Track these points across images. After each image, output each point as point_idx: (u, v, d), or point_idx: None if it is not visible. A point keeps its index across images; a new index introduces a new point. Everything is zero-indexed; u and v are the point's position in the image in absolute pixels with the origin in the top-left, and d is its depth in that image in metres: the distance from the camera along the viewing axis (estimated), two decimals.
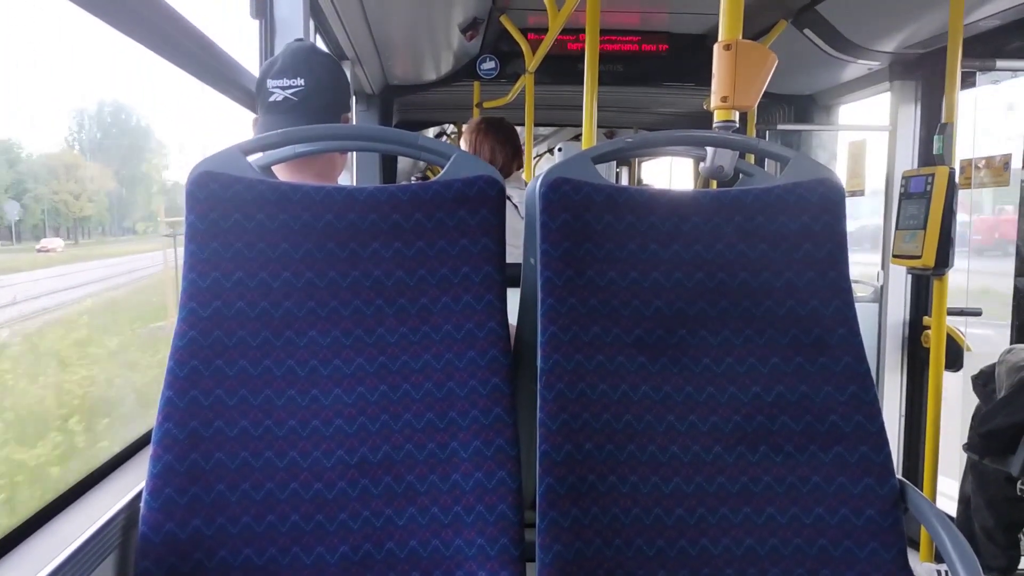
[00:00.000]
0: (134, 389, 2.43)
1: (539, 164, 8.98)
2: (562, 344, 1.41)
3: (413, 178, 7.46)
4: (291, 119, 1.77)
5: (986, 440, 2.79)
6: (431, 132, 8.06)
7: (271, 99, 1.81)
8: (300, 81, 1.81)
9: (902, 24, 3.50)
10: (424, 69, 4.87)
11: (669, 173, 8.98)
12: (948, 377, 3.18)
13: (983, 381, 3.05)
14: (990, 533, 2.88)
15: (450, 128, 8.01)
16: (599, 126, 3.08)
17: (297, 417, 1.37)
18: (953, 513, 3.07)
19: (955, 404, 3.40)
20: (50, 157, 2.42)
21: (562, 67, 4.42)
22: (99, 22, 1.40)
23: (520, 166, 3.50)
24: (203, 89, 1.97)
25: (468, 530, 1.34)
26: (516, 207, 3.06)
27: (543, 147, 9.25)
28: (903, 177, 3.27)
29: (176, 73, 1.78)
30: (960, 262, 3.13)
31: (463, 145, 3.50)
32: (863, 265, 4.18)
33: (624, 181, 8.79)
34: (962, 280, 3.61)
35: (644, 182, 8.88)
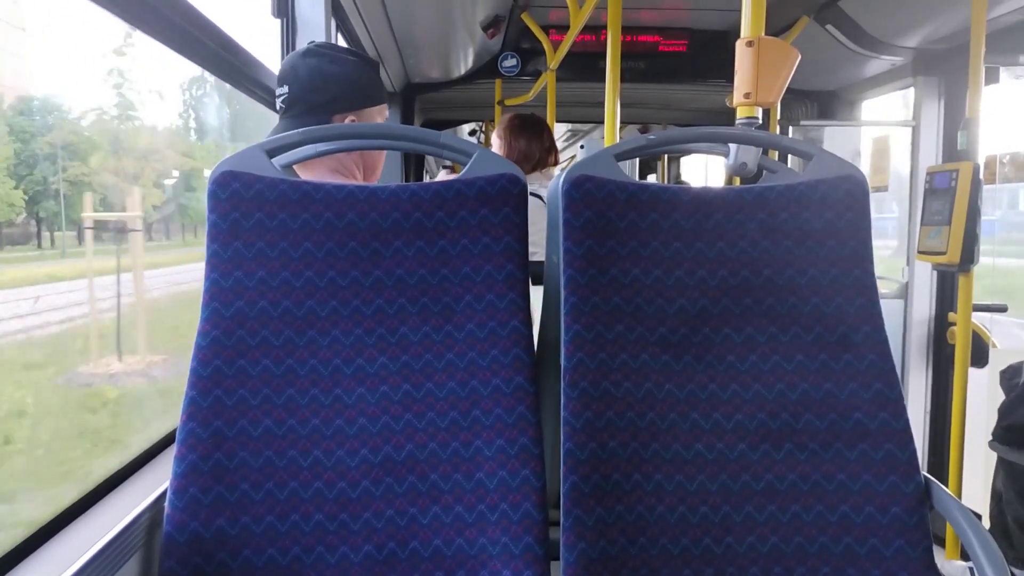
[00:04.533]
0: None
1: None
2: (586, 342, 1.40)
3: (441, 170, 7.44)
4: (283, 124, 1.87)
5: (1008, 433, 2.79)
6: (466, 129, 8.04)
7: (276, 104, 1.91)
8: (285, 88, 1.89)
9: (925, 19, 3.48)
10: (445, 67, 4.87)
11: (705, 167, 8.97)
12: (974, 373, 3.16)
13: (1009, 375, 3.04)
14: (1023, 525, 2.87)
15: (484, 125, 8.00)
16: (622, 123, 3.07)
17: (320, 416, 1.37)
18: (979, 510, 3.05)
19: (981, 401, 3.38)
20: None
21: (584, 64, 4.41)
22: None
23: (556, 161, 3.49)
24: None
25: (492, 529, 1.34)
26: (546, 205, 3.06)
27: (584, 140, 9.22)
28: (927, 173, 3.25)
29: None
30: None
31: (496, 141, 3.50)
32: None
33: (652, 176, 8.77)
34: None
35: (683, 179, 8.85)
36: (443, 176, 6.30)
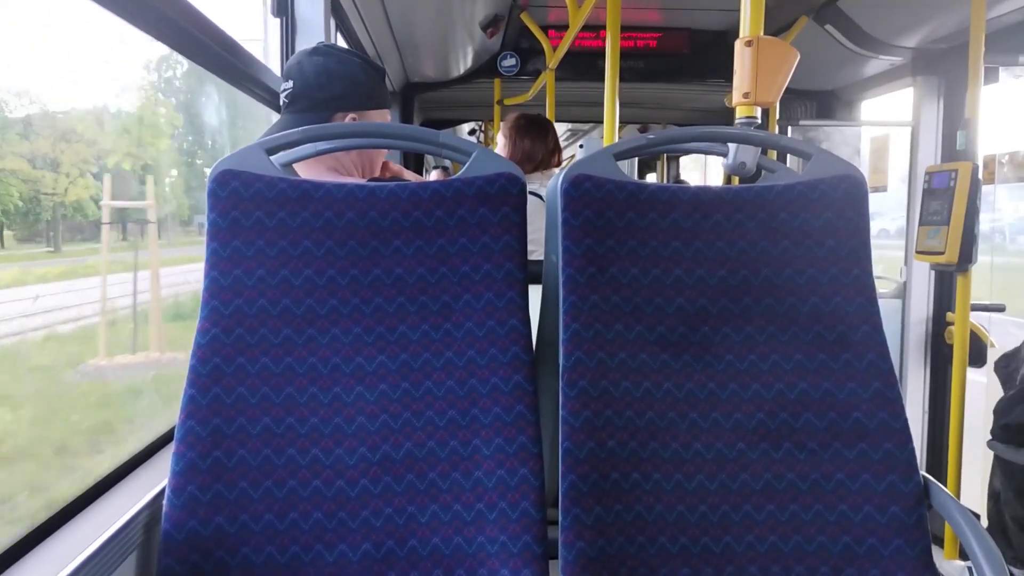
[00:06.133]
0: None
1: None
2: (584, 341, 1.40)
3: (433, 170, 7.41)
4: (284, 119, 1.90)
5: (1005, 432, 2.80)
6: (466, 128, 8.05)
7: (280, 99, 1.94)
8: (290, 83, 1.91)
9: (924, 19, 3.48)
10: (445, 66, 4.87)
11: (704, 167, 8.97)
12: (972, 373, 3.16)
13: (1005, 363, 3.04)
14: (1022, 523, 2.87)
15: (483, 125, 8.00)
16: (621, 122, 3.07)
17: (319, 414, 1.37)
18: (977, 509, 3.05)
19: (979, 400, 3.38)
20: None
21: (583, 64, 4.41)
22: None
23: (559, 163, 3.49)
24: None
25: (491, 527, 1.34)
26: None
27: (583, 140, 9.26)
28: (926, 173, 3.25)
29: None
30: None
31: (500, 140, 3.50)
32: None
33: (651, 176, 8.76)
34: None
35: (682, 179, 8.86)
36: (435, 176, 6.28)
